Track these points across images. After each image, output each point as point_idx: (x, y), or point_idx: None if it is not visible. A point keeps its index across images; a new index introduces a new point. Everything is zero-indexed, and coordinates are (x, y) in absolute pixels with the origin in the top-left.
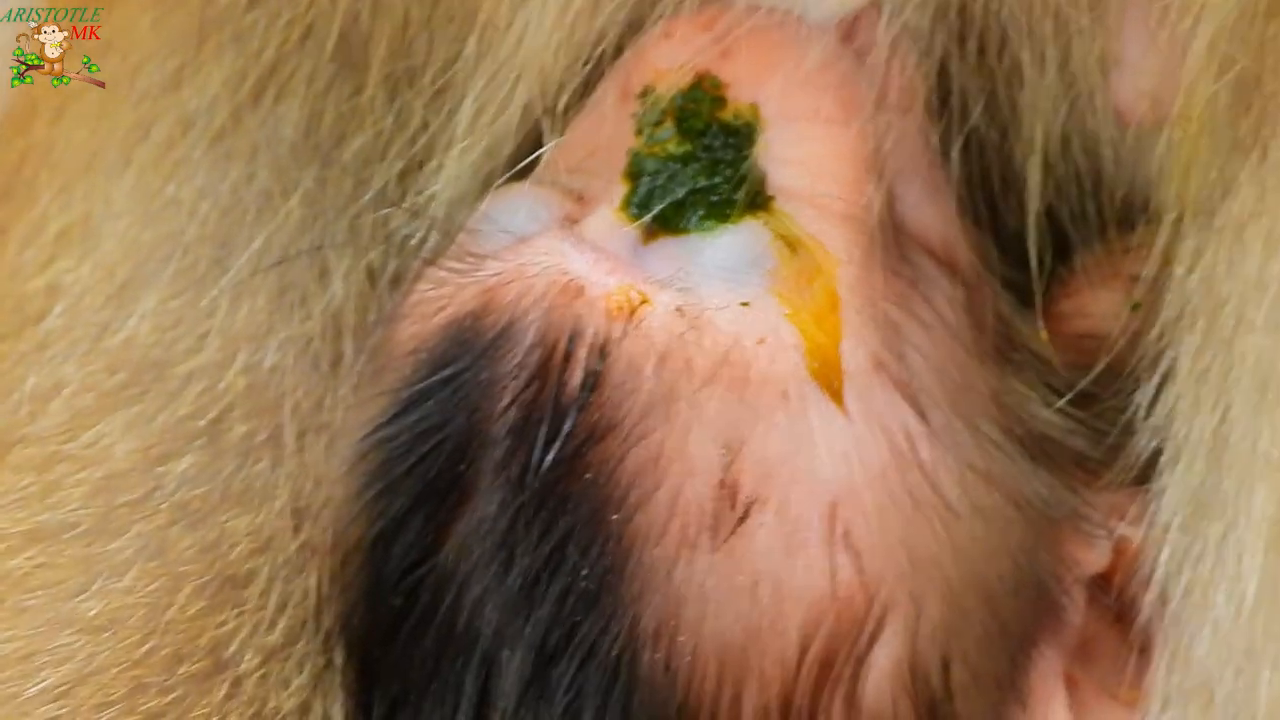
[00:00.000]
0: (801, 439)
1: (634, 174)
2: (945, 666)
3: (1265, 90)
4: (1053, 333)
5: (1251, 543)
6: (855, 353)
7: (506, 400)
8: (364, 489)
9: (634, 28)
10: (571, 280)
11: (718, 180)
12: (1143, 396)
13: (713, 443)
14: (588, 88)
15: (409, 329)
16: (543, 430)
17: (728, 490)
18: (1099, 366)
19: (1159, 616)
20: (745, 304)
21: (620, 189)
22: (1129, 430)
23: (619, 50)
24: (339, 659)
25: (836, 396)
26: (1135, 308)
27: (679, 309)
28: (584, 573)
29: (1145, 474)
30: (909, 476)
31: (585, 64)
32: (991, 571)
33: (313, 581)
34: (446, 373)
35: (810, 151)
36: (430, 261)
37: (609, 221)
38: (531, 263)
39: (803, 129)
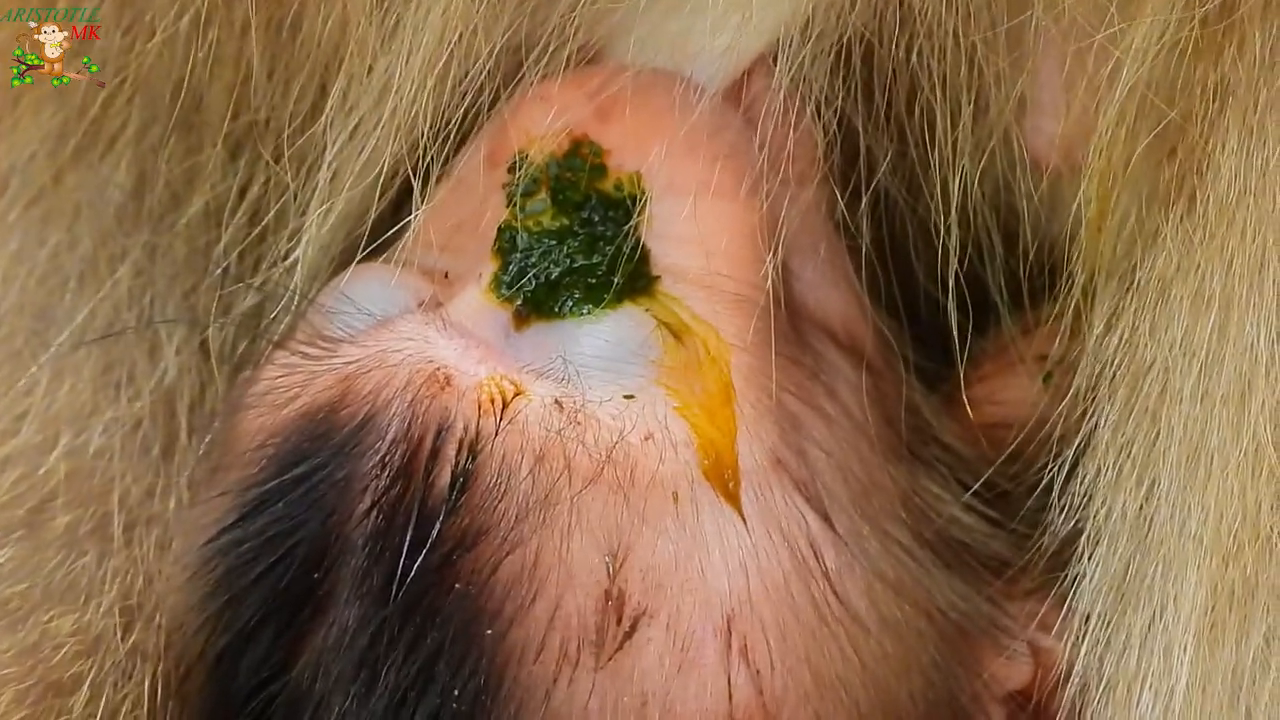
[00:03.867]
0: (694, 546)
1: (504, 250)
2: None
3: (1189, 138)
4: (963, 423)
5: (1180, 634)
6: (752, 450)
7: (367, 502)
8: (208, 599)
9: (510, 80)
10: (438, 369)
11: (596, 259)
12: (1058, 472)
13: (595, 550)
14: (461, 146)
15: (256, 420)
16: (407, 536)
17: (613, 602)
18: (1008, 450)
19: (1078, 716)
20: (629, 396)
21: (489, 266)
22: (1046, 521)
23: (495, 104)
24: None
25: (732, 499)
26: (1047, 379)
27: (557, 401)
28: (455, 693)
29: (1065, 571)
30: (812, 587)
31: (458, 118)
32: (903, 690)
33: (145, 688)
34: (299, 470)
35: (699, 228)
36: (279, 344)
37: (477, 303)
38: (393, 349)
39: (691, 203)
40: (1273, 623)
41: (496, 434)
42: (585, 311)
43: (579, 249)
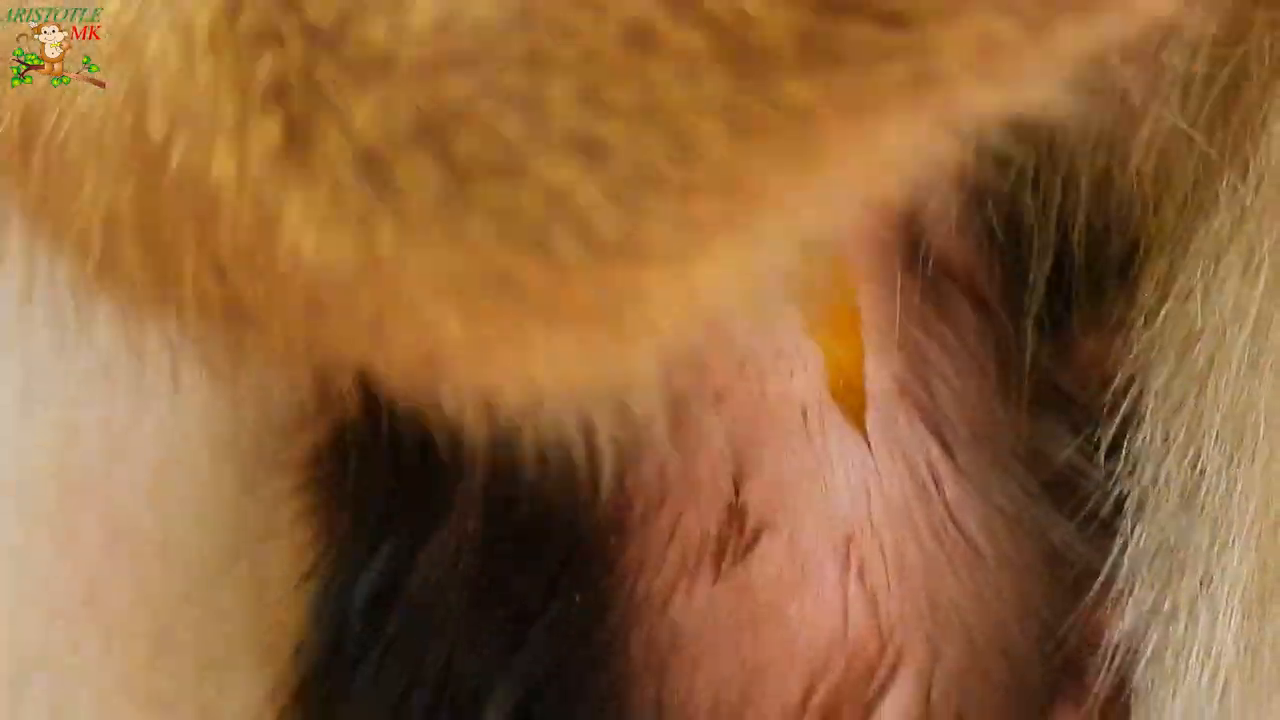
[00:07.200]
0: (818, 464)
1: None
2: None
3: (1245, 101)
4: (1082, 379)
5: (1227, 605)
6: (878, 374)
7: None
8: (327, 509)
9: None
10: None
11: None
12: (1105, 434)
13: (722, 463)
14: None
15: None
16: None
17: (735, 515)
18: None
19: (1127, 680)
20: (759, 313)
21: None
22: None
23: None
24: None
25: (857, 420)
26: None
27: None
28: (575, 599)
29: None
30: (932, 514)
31: None
32: (1015, 626)
33: None
34: None
35: None
36: None
37: None
38: None
39: None
40: None
41: None
42: None
43: None
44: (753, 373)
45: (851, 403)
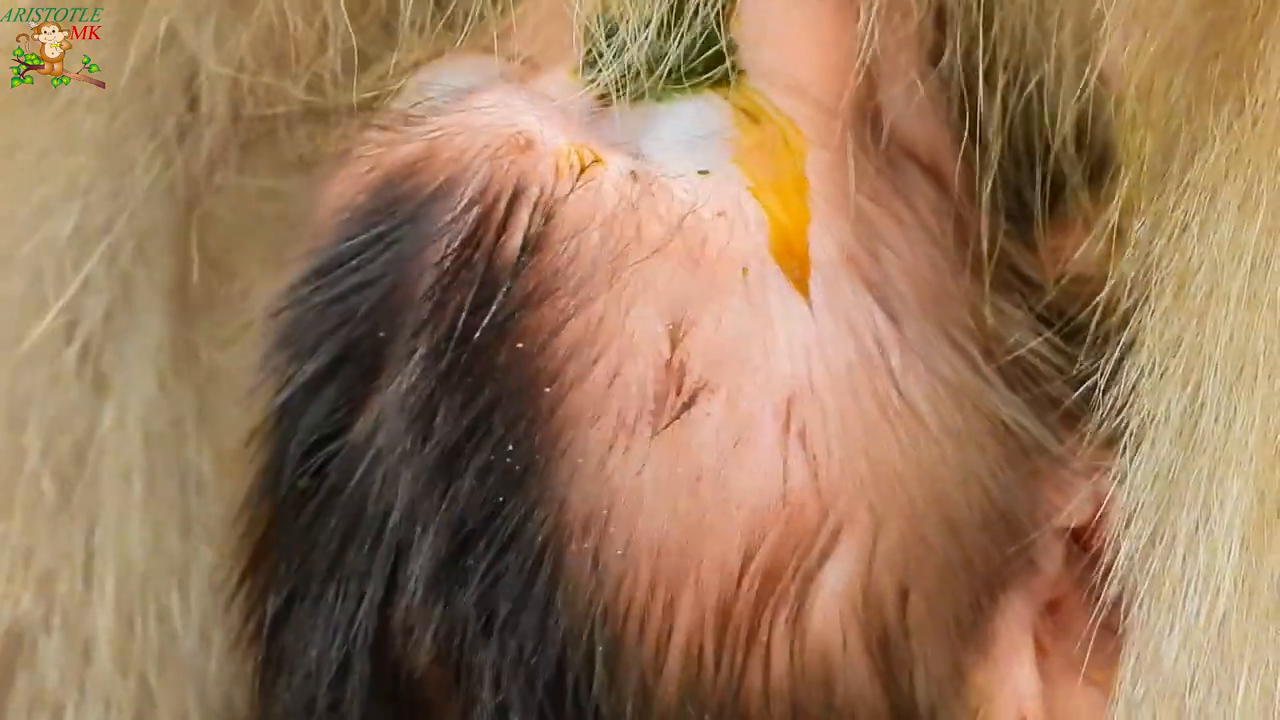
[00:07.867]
0: (759, 325)
1: (592, 37)
2: (902, 596)
3: (1240, 36)
4: (1043, 266)
5: (1225, 538)
6: (823, 241)
7: (435, 259)
8: (272, 353)
9: None
10: (520, 133)
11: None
12: (1104, 366)
13: (659, 318)
14: None
15: (337, 189)
16: (472, 292)
17: (673, 372)
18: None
19: (1124, 613)
20: (704, 172)
21: (577, 51)
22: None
23: None
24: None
25: (800, 284)
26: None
27: (633, 172)
28: (509, 448)
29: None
30: (876, 381)
31: None
32: (960, 498)
33: None
34: (374, 231)
35: (788, 29)
36: (366, 126)
37: (564, 81)
38: (477, 115)
39: (782, 3)
40: None
41: (570, 197)
42: (669, 95)
43: (666, 38)
44: (691, 228)
45: (794, 266)
